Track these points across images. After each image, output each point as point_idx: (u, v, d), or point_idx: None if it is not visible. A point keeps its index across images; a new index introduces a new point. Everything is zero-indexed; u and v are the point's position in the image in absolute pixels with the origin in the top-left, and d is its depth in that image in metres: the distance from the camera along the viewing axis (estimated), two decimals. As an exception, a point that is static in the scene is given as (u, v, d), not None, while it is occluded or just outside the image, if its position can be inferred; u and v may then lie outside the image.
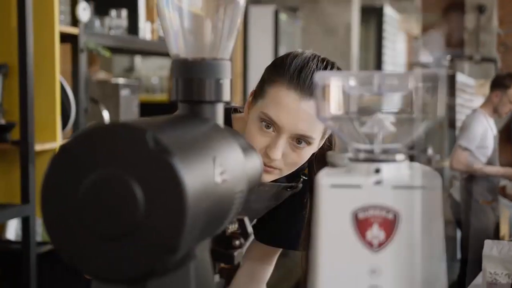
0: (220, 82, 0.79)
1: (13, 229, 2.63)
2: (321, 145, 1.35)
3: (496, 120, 4.48)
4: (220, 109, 0.81)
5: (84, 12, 2.65)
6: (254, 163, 0.85)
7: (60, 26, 2.56)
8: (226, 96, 0.80)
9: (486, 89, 8.63)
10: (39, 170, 2.39)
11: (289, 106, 1.23)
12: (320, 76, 0.71)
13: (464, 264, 4.38)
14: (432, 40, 7.38)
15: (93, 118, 2.87)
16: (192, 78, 0.78)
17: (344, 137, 0.73)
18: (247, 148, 0.85)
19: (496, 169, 4.40)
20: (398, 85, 0.70)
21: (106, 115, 2.96)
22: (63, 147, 0.62)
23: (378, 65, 7.46)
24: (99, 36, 2.92)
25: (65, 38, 2.64)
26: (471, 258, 4.08)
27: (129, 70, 5.88)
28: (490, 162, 4.38)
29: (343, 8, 5.54)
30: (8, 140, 2.37)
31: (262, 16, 5.47)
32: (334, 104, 0.72)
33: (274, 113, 1.24)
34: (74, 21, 2.67)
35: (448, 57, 6.26)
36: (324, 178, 0.69)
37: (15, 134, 2.40)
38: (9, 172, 2.48)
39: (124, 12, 3.11)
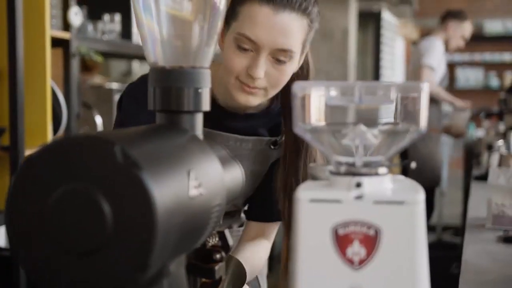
0: (199, 91, 0.77)
1: (3, 236, 2.61)
2: (301, 62, 1.32)
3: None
4: (199, 119, 0.78)
5: (76, 16, 2.63)
6: (234, 174, 0.82)
7: (52, 30, 2.53)
8: (206, 106, 0.78)
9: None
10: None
11: (265, 22, 1.21)
12: (299, 86, 0.69)
13: None
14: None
15: (85, 123, 2.84)
16: (170, 87, 0.76)
17: (325, 150, 0.70)
18: (227, 160, 0.82)
19: (449, 96, 4.65)
20: (379, 97, 0.68)
21: (99, 120, 2.94)
22: (29, 159, 0.60)
23: (376, 70, 7.44)
24: (91, 40, 2.89)
25: (57, 42, 2.61)
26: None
27: (126, 74, 5.85)
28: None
29: (340, 13, 5.52)
30: (-2, 146, 2.34)
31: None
32: (314, 115, 0.69)
33: (250, 31, 1.21)
34: (66, 26, 2.65)
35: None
36: (303, 192, 0.67)
37: (5, 140, 2.37)
38: (-1, 178, 2.45)
39: (117, 17, 3.09)
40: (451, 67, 10.27)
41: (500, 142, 3.07)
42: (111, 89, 3.09)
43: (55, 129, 2.55)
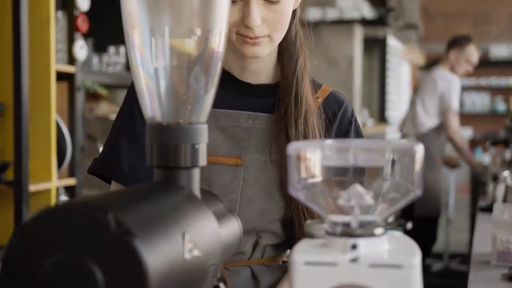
0: (196, 146, 0.77)
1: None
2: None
3: None
4: (196, 174, 0.78)
5: (81, 50, 2.65)
6: (231, 229, 0.82)
7: (57, 64, 2.55)
8: (203, 161, 0.78)
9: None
10: (33, 212, 2.36)
11: None
12: (293, 147, 0.68)
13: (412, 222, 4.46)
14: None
15: (90, 155, 2.85)
16: (167, 143, 0.76)
17: (320, 209, 0.70)
18: (224, 214, 0.82)
19: (470, 156, 4.70)
20: (374, 157, 0.68)
21: (103, 152, 2.94)
22: (22, 227, 0.60)
23: (382, 96, 7.45)
24: (96, 73, 2.91)
25: (62, 76, 2.63)
26: (421, 214, 4.26)
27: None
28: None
29: (345, 41, 5.53)
30: (2, 181, 2.34)
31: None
32: (309, 175, 0.69)
33: None
34: (71, 59, 2.66)
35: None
36: (299, 254, 0.66)
37: (9, 174, 2.38)
38: (3, 212, 2.45)
39: (122, 49, 3.11)
40: (457, 91, 10.27)
41: (506, 173, 3.05)
42: (116, 121, 3.09)
43: (60, 163, 2.55)
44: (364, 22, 5.54)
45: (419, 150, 0.66)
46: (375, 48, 7.24)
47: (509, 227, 1.85)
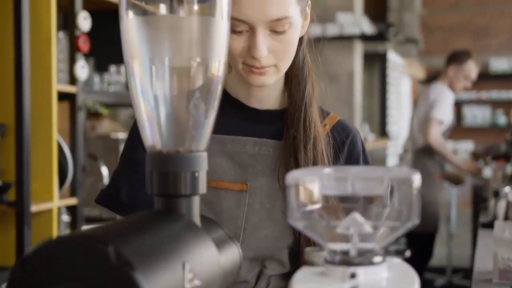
0: (195, 175, 0.77)
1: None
2: (306, 25, 1.25)
3: None
4: (196, 202, 0.78)
5: (82, 70, 2.66)
6: (231, 255, 0.82)
7: (58, 85, 2.56)
8: (203, 189, 0.78)
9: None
10: (35, 232, 2.37)
11: None
12: (292, 176, 0.69)
13: (409, 237, 4.43)
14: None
15: (91, 174, 2.86)
16: (167, 172, 0.77)
17: (319, 238, 0.70)
18: (224, 240, 0.82)
19: (459, 161, 4.62)
20: (372, 186, 0.68)
21: (104, 171, 2.95)
22: (23, 260, 0.60)
23: (382, 110, 7.46)
24: (97, 93, 2.92)
25: (63, 96, 2.64)
26: (418, 231, 4.20)
27: (134, 117, 5.90)
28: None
29: (345, 56, 5.56)
30: (4, 201, 2.35)
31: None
32: (307, 204, 0.69)
33: (237, 12, 1.11)
34: (73, 79, 2.68)
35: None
36: (298, 283, 0.67)
37: (11, 195, 2.38)
38: (4, 233, 2.45)
39: (123, 68, 3.12)
40: (458, 105, 10.30)
41: (507, 189, 3.05)
42: (117, 139, 3.11)
43: (61, 182, 2.56)
44: (364, 37, 5.57)
45: (417, 179, 0.67)
46: (376, 62, 7.27)
47: (511, 245, 1.84)
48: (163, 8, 0.92)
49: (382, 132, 7.41)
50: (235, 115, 1.28)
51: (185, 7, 0.79)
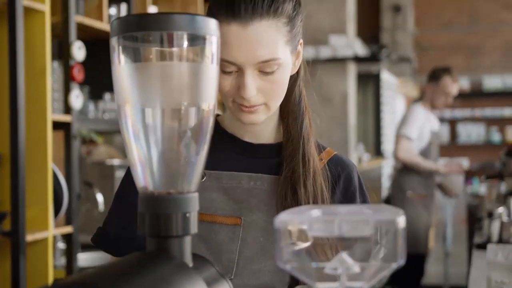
0: (187, 215, 0.79)
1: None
2: (299, 62, 1.25)
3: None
4: (187, 242, 0.80)
5: (77, 99, 2.68)
6: (223, 294, 0.84)
7: (53, 114, 2.58)
8: (194, 229, 0.80)
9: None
10: (31, 261, 2.37)
11: (236, 40, 1.13)
12: (280, 219, 0.71)
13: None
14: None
15: (86, 202, 2.87)
16: (159, 213, 0.78)
17: (307, 279, 0.72)
18: (216, 279, 0.84)
19: (431, 164, 4.54)
20: (359, 227, 0.70)
21: (100, 198, 2.96)
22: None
23: (377, 129, 7.50)
24: (92, 121, 2.94)
25: (58, 125, 2.66)
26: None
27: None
28: (423, 156, 4.51)
29: (339, 77, 5.60)
30: (-1, 231, 2.36)
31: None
32: (295, 245, 0.71)
33: (226, 53, 1.13)
34: (67, 108, 2.70)
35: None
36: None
37: (6, 225, 2.39)
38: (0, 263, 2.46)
39: (118, 95, 3.14)
40: (453, 123, 10.36)
41: (501, 209, 3.07)
42: (113, 165, 3.12)
43: (56, 211, 2.57)
44: (357, 59, 5.61)
45: (401, 221, 0.69)
46: (369, 83, 7.31)
47: (503, 268, 1.86)
48: (154, 53, 0.95)
49: (377, 151, 7.44)
50: (231, 150, 1.29)
51: (176, 52, 0.82)
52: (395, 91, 8.32)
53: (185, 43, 0.79)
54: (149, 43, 0.86)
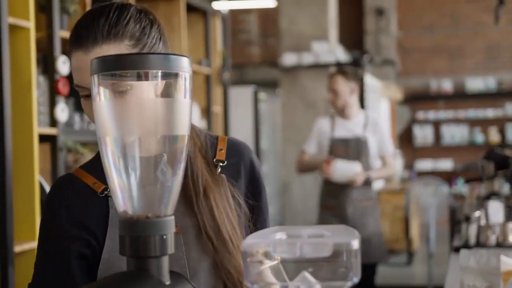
0: (164, 237, 0.86)
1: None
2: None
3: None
4: (165, 261, 0.87)
5: (62, 113, 2.74)
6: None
7: (39, 127, 2.64)
8: (171, 249, 0.87)
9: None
10: (19, 272, 2.43)
11: (82, 65, 1.20)
12: (247, 243, 0.78)
13: None
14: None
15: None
16: (138, 236, 0.85)
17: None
18: (193, 295, 0.91)
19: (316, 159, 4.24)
20: (319, 249, 0.77)
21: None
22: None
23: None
24: (77, 133, 3.00)
25: (44, 138, 2.72)
26: None
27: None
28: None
29: (322, 83, 5.67)
30: (-13, 243, 2.42)
31: (242, 96, 5.63)
32: (261, 268, 0.79)
33: (76, 79, 1.21)
34: (53, 121, 2.76)
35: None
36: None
37: (-6, 236, 2.45)
38: (-12, 275, 2.51)
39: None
40: (436, 124, 10.48)
41: (477, 213, 3.15)
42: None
43: (44, 222, 2.62)
44: (339, 65, 5.69)
45: (355, 243, 0.76)
46: (353, 87, 7.38)
47: (475, 273, 1.93)
48: (131, 90, 1.02)
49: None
50: None
51: (151, 88, 0.89)
52: (379, 94, 8.41)
53: (160, 80, 0.86)
54: (126, 80, 0.93)
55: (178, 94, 0.87)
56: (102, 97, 0.86)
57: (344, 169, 4.07)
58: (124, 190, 0.87)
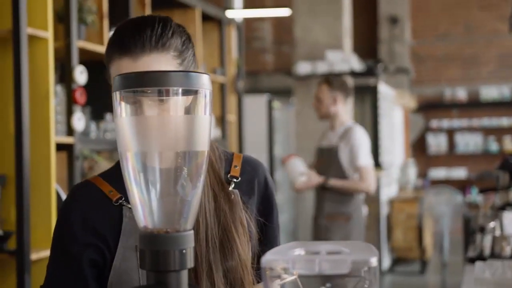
0: (183, 252, 0.87)
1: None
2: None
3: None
4: (184, 275, 0.88)
5: (79, 122, 2.77)
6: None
7: (56, 136, 2.67)
8: (190, 263, 0.88)
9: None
10: (35, 279, 2.45)
11: (128, 72, 1.16)
12: (267, 260, 0.79)
13: None
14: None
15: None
16: (158, 250, 0.87)
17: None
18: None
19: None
20: (337, 267, 0.78)
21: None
22: None
23: (375, 141, 7.56)
24: (94, 141, 3.03)
25: (61, 146, 2.75)
26: None
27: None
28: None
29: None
30: (5, 250, 2.44)
31: (256, 104, 5.64)
32: (281, 282, 0.80)
33: None
34: (70, 130, 2.79)
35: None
36: None
37: (11, 244, 2.47)
38: (5, 281, 2.54)
39: (119, 115, 3.22)
40: (450, 133, 10.45)
41: (492, 224, 3.13)
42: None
43: (60, 230, 2.64)
44: (354, 74, 5.69)
45: (374, 261, 0.77)
46: (367, 95, 7.37)
47: (490, 285, 1.93)
48: (152, 107, 1.03)
49: (376, 163, 7.50)
50: None
51: (172, 105, 0.90)
52: (392, 102, 8.40)
53: (180, 97, 0.88)
54: (147, 97, 0.95)
55: (199, 111, 0.88)
56: (123, 113, 0.87)
57: (293, 166, 4.08)
58: (144, 205, 0.89)
